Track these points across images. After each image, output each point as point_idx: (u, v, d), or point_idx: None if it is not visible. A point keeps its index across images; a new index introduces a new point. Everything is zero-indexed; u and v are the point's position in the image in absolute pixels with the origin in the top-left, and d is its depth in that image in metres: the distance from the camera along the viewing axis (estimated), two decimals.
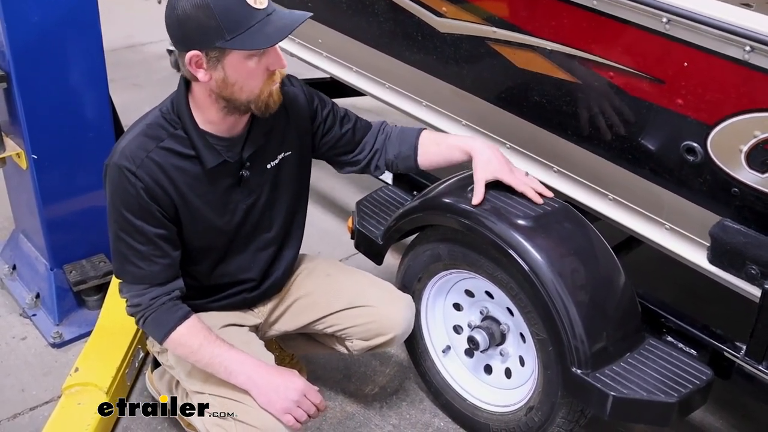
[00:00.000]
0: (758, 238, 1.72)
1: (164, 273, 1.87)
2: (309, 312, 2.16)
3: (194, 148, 1.82)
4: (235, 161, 1.88)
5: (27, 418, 2.38)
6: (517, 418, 2.16)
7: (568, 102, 1.98)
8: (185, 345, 1.87)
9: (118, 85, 4.53)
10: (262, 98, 1.77)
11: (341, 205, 3.60)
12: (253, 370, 1.85)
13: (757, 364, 1.81)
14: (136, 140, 1.81)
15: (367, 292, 2.15)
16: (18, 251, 2.95)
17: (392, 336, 2.12)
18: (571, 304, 1.89)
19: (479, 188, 2.02)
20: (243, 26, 1.65)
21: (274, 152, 1.98)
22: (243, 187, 1.94)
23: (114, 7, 5.59)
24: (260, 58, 1.71)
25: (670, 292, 2.74)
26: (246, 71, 1.71)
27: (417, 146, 2.12)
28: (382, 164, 2.16)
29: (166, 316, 1.87)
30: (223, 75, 1.71)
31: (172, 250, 1.88)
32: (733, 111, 1.64)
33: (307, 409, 1.86)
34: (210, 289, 2.06)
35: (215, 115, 1.81)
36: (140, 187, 1.78)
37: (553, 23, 1.92)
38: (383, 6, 2.43)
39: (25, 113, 2.42)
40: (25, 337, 2.71)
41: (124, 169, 1.78)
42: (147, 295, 1.87)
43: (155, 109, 1.87)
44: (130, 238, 1.83)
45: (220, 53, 1.68)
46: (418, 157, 2.13)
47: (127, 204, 1.80)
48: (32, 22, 2.32)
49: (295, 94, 2.02)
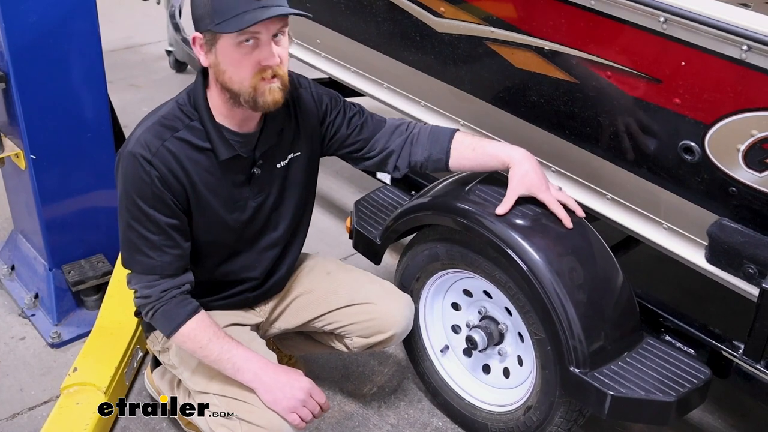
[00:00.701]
0: (756, 237, 1.72)
1: (174, 264, 1.87)
2: (309, 309, 2.17)
3: (209, 140, 1.84)
4: (247, 157, 1.89)
5: (25, 417, 2.38)
6: (516, 418, 2.17)
7: (566, 102, 1.98)
8: (194, 340, 1.86)
9: (117, 85, 4.54)
10: (250, 93, 1.75)
11: (340, 205, 3.60)
12: (260, 367, 1.85)
13: (755, 363, 1.82)
14: (152, 129, 1.82)
15: (367, 289, 2.16)
16: (17, 251, 2.95)
17: (392, 333, 2.12)
18: (569, 304, 1.90)
19: (509, 201, 1.97)
20: (231, 12, 1.67)
21: (285, 152, 1.98)
22: (253, 185, 1.94)
23: (113, 7, 5.62)
24: (252, 50, 1.72)
25: (668, 292, 2.75)
26: (234, 59, 1.73)
27: (450, 150, 2.06)
28: (402, 165, 2.11)
29: (176, 309, 1.87)
30: (215, 60, 1.75)
31: (183, 241, 1.88)
32: (731, 110, 1.64)
33: (312, 409, 1.87)
34: (213, 288, 2.06)
35: (223, 105, 1.82)
36: (155, 175, 1.79)
37: (550, 23, 1.92)
38: (381, 6, 2.43)
39: (23, 113, 2.43)
40: (24, 337, 2.71)
41: (139, 157, 1.78)
42: (158, 287, 1.86)
43: (171, 101, 1.88)
44: (141, 227, 1.83)
45: (212, 37, 1.72)
46: (450, 161, 2.07)
47: (140, 192, 1.80)
48: (30, 22, 2.33)
49: (304, 95, 2.03)
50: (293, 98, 1.99)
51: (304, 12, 1.78)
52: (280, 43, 1.75)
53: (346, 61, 2.78)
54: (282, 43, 1.76)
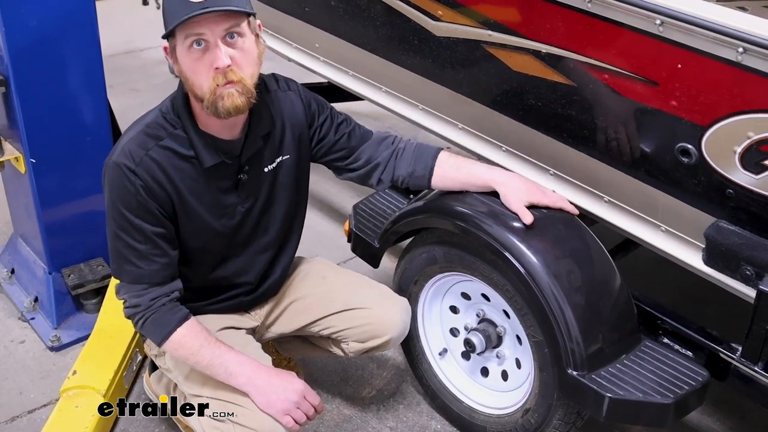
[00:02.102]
0: (753, 239, 1.72)
1: (163, 272, 1.87)
2: (305, 314, 2.16)
3: (193, 148, 1.83)
4: (233, 163, 1.89)
5: (25, 421, 2.38)
6: (514, 420, 2.17)
7: (563, 104, 1.99)
8: (185, 347, 1.86)
9: (117, 90, 4.54)
10: (210, 98, 1.71)
11: (338, 209, 3.61)
12: (252, 371, 1.86)
13: (753, 366, 1.81)
14: (136, 139, 1.81)
15: (363, 294, 2.15)
16: (16, 255, 2.95)
17: (388, 338, 2.12)
18: (566, 306, 1.90)
19: (524, 212, 1.96)
20: (179, 16, 1.64)
21: (272, 156, 1.97)
22: (241, 190, 1.94)
23: (113, 12, 5.63)
24: (202, 53, 1.69)
25: (666, 294, 2.75)
26: (188, 65, 1.72)
27: (433, 167, 2.08)
28: (387, 179, 2.11)
29: (166, 317, 1.87)
30: (179, 68, 1.75)
31: (170, 249, 1.88)
32: (727, 112, 1.64)
33: (306, 411, 1.87)
34: (207, 292, 2.06)
35: (201, 113, 1.81)
36: (139, 185, 1.79)
37: (547, 26, 1.93)
38: (380, 10, 2.44)
39: (23, 117, 2.43)
40: (24, 340, 2.72)
41: (123, 167, 1.78)
42: (147, 295, 1.86)
43: (155, 109, 1.88)
44: (128, 237, 1.83)
45: (171, 43, 1.73)
46: (433, 179, 2.08)
47: (125, 202, 1.80)
48: (30, 26, 2.34)
49: (292, 98, 2.02)
50: (280, 101, 1.97)
51: (249, 10, 1.71)
52: (236, 45, 1.70)
53: (344, 65, 2.79)
54: (239, 45, 1.71)
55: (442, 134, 2.46)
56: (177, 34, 1.69)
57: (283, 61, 3.12)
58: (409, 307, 2.21)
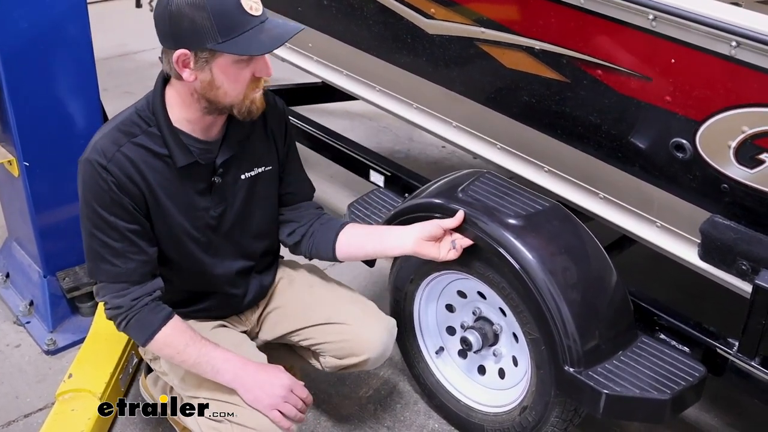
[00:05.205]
0: (748, 233, 1.72)
1: (140, 270, 1.84)
2: (286, 322, 2.13)
3: (167, 146, 1.81)
4: (207, 164, 1.87)
5: (21, 425, 2.38)
6: (511, 418, 2.16)
7: (557, 101, 1.99)
8: (171, 345, 1.85)
9: (112, 93, 4.53)
10: (246, 103, 1.76)
11: (333, 209, 3.60)
12: (239, 367, 1.85)
13: (750, 361, 1.82)
14: (109, 135, 1.79)
15: (346, 309, 2.10)
16: (11, 259, 2.94)
17: (365, 358, 2.05)
18: (562, 303, 1.90)
19: (447, 221, 2.02)
20: (237, 30, 1.65)
21: (251, 164, 1.95)
22: (214, 194, 1.91)
23: (107, 15, 5.62)
24: (248, 63, 1.72)
25: (662, 290, 2.74)
26: (233, 75, 1.71)
27: (339, 234, 2.07)
28: (295, 239, 2.11)
29: (149, 316, 1.85)
30: (210, 77, 1.71)
31: (147, 246, 1.85)
32: (721, 107, 1.65)
33: (295, 404, 1.85)
34: (193, 298, 2.04)
35: (194, 114, 1.80)
36: (111, 181, 1.76)
37: (540, 22, 1.93)
38: (372, 9, 2.44)
39: (16, 120, 2.42)
40: (19, 344, 2.71)
41: (95, 163, 1.76)
42: (128, 295, 1.84)
43: (130, 107, 1.85)
44: (103, 235, 1.80)
45: (210, 55, 1.68)
46: (337, 246, 2.07)
47: (99, 199, 1.78)
48: (22, 29, 2.32)
49: (277, 111, 2.01)
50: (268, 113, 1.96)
51: (298, 24, 1.78)
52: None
53: (337, 65, 2.78)
54: None
55: (436, 132, 2.46)
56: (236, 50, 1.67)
57: (277, 61, 3.11)
58: (395, 328, 2.13)
